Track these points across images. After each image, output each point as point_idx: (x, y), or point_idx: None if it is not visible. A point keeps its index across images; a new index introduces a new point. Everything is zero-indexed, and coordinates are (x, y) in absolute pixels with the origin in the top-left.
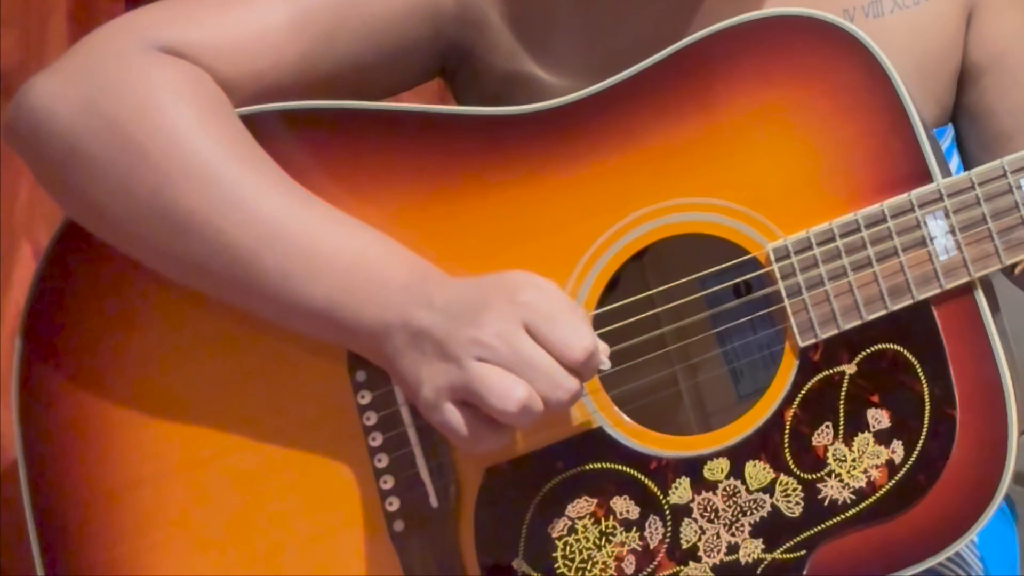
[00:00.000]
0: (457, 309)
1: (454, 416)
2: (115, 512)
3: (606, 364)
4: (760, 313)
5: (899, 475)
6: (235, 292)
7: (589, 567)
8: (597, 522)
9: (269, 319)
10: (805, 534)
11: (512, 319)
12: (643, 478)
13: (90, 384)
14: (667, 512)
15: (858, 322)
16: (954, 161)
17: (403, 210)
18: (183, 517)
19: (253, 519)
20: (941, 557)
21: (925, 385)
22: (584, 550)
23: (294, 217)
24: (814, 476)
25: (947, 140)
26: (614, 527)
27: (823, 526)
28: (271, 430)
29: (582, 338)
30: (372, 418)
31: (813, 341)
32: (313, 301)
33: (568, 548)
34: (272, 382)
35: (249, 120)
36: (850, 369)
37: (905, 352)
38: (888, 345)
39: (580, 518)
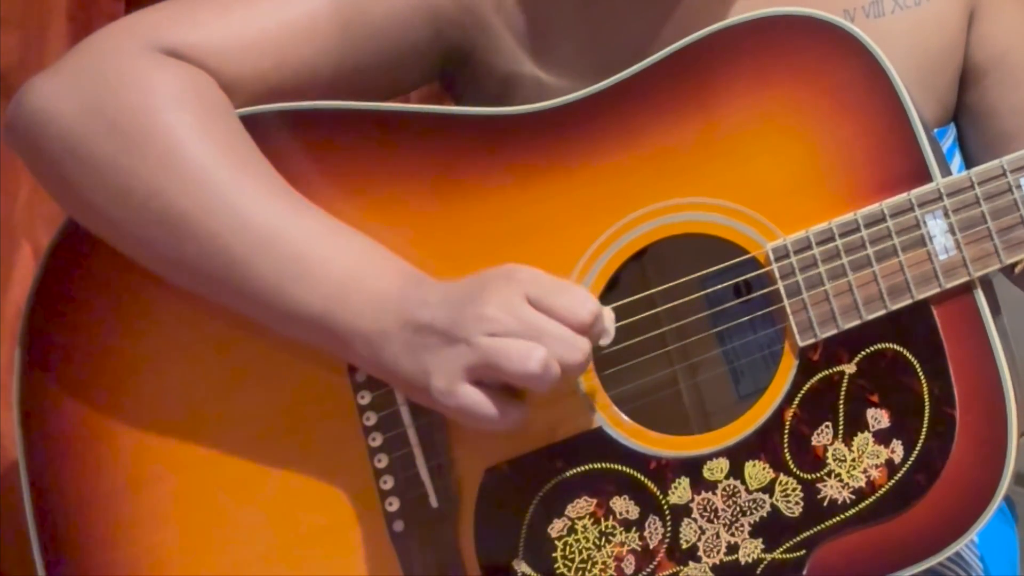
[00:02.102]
0: (455, 298)
1: (474, 395)
2: (115, 513)
3: (611, 331)
4: (760, 313)
5: (899, 475)
6: (230, 297)
7: (589, 567)
8: (597, 522)
9: (264, 324)
10: (805, 534)
11: (514, 293)
12: (643, 478)
13: (90, 386)
14: (667, 512)
15: (857, 322)
16: (956, 161)
17: (403, 210)
18: (183, 518)
19: (253, 520)
20: (941, 557)
21: (925, 385)
22: (584, 550)
23: (289, 224)
24: (814, 476)
25: (949, 140)
26: (614, 527)
27: (823, 526)
28: (271, 431)
29: (586, 301)
30: (372, 418)
31: (813, 341)
32: (308, 308)
33: (568, 548)
34: (272, 383)
35: (250, 120)
36: (850, 369)
37: (905, 352)
38: (888, 345)
39: (580, 518)
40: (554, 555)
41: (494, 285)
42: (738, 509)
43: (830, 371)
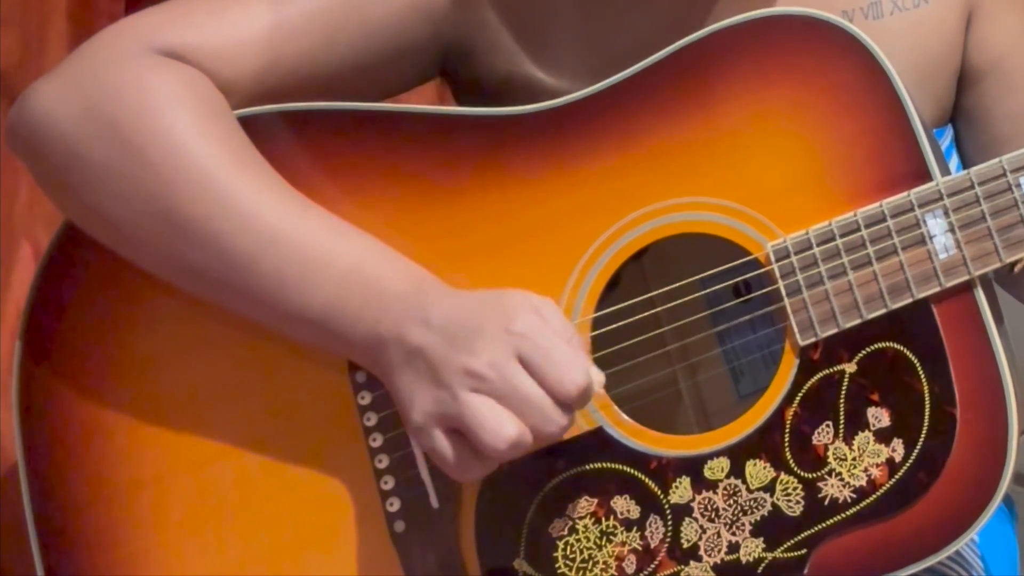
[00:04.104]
0: (452, 331)
1: (443, 444)
2: (115, 514)
3: (601, 392)
4: (760, 312)
5: (899, 473)
6: (232, 298)
7: (590, 567)
8: (598, 522)
9: (267, 326)
10: (806, 533)
11: (506, 349)
12: (643, 478)
13: (90, 386)
14: (668, 511)
15: (858, 321)
16: (953, 162)
17: (402, 210)
18: (183, 519)
19: (253, 521)
20: (941, 555)
21: (925, 383)
22: (585, 550)
23: (291, 224)
24: (814, 475)
25: (946, 140)
26: (615, 527)
27: (824, 525)
28: (271, 431)
29: (575, 374)
30: (372, 419)
31: (813, 340)
32: (309, 309)
33: (569, 548)
34: (273, 383)
35: (248, 121)
36: (850, 368)
37: (905, 351)
38: (888, 344)
39: (581, 518)
40: (555, 555)
41: (490, 332)
42: (739, 508)
43: (831, 370)
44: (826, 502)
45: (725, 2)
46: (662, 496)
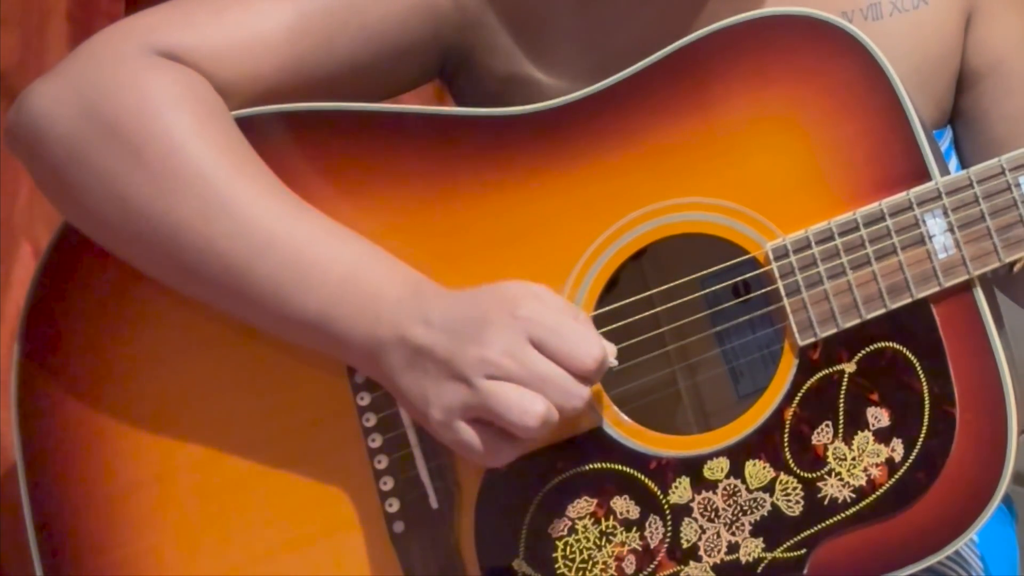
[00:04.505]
0: (457, 326)
1: (469, 435)
2: (115, 515)
3: (614, 362)
4: (759, 312)
5: (899, 473)
6: (229, 301)
7: (589, 567)
8: (597, 522)
9: (265, 329)
10: (805, 533)
11: (517, 334)
12: (643, 478)
13: (89, 387)
14: (667, 512)
15: (857, 321)
16: (952, 163)
17: (402, 210)
18: (182, 519)
19: (252, 521)
20: (941, 555)
21: (925, 383)
22: (584, 550)
23: (287, 228)
24: (814, 475)
25: (945, 142)
26: (614, 527)
27: (823, 525)
28: (270, 432)
29: (590, 347)
30: (371, 419)
31: (812, 340)
32: (305, 313)
33: (568, 548)
34: (272, 383)
35: (247, 122)
36: (850, 368)
37: (904, 350)
38: (887, 344)
39: (580, 518)
40: (554, 555)
41: (498, 321)
42: (738, 508)
43: (830, 370)
44: (825, 502)
45: (723, 2)
46: (661, 496)
